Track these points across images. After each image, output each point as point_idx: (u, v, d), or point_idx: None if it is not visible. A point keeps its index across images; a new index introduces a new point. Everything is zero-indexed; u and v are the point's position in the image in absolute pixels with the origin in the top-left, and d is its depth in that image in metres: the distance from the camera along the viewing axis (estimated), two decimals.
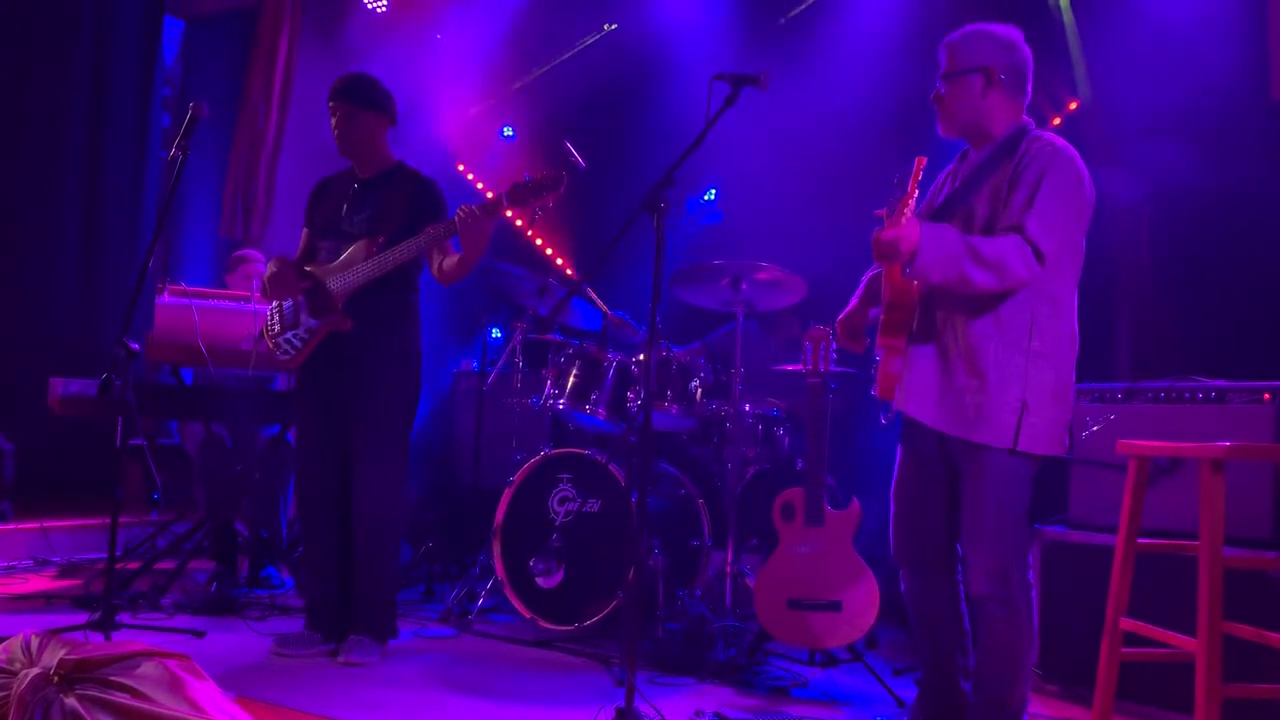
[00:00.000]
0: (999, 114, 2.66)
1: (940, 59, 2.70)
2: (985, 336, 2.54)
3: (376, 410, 3.46)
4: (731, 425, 4.07)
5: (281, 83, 6.49)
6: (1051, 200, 2.49)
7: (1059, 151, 2.55)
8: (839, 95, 5.18)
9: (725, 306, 4.21)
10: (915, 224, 2.45)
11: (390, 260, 3.38)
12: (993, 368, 2.52)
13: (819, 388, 3.55)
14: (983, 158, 2.66)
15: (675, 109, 5.30)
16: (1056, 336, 2.55)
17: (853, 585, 3.39)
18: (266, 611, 4.02)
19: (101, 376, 3.45)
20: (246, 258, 5.19)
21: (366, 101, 3.52)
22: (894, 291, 2.58)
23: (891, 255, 2.46)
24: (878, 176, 2.97)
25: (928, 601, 2.74)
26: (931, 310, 2.63)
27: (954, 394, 2.56)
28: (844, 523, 3.45)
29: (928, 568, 2.72)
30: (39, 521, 5.02)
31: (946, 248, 2.45)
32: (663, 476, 4.29)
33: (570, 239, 6.46)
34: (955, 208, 2.65)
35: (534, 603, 3.92)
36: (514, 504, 4.05)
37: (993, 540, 2.52)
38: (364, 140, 3.54)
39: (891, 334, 2.62)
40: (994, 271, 2.45)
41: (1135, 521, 2.57)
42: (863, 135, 5.04)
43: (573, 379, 4.15)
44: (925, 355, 2.62)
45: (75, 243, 6.38)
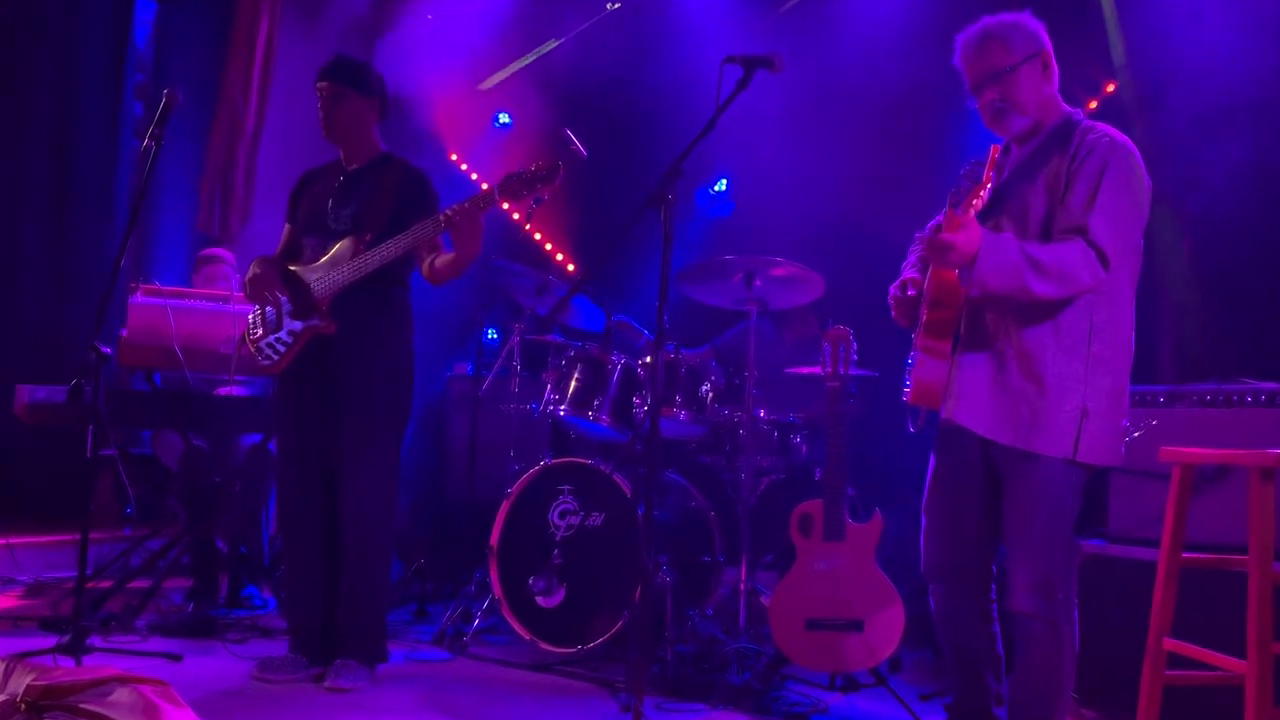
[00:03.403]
0: (1050, 102, 2.66)
1: (966, 68, 2.67)
2: (1042, 341, 2.54)
3: (365, 418, 3.47)
4: (745, 432, 4.06)
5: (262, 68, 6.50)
6: (1114, 198, 2.50)
7: (1118, 144, 2.55)
8: (858, 77, 5.18)
9: (737, 305, 4.21)
10: (977, 228, 2.45)
11: (377, 258, 3.39)
12: (1051, 373, 2.53)
13: (839, 392, 3.55)
14: (1032, 149, 2.66)
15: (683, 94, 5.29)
16: (1115, 341, 2.56)
17: (876, 604, 3.38)
18: (247, 633, 4.03)
19: (71, 382, 3.46)
20: (214, 258, 5.18)
21: (356, 82, 3.53)
22: (939, 288, 2.58)
23: (947, 260, 2.45)
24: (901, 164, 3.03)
25: (958, 620, 2.74)
26: (981, 313, 2.63)
27: (1010, 401, 2.56)
28: (866, 536, 3.45)
29: (960, 584, 2.72)
30: (4, 538, 5.01)
31: (1006, 257, 2.45)
32: (671, 487, 4.29)
33: (571, 233, 6.47)
34: (1005, 202, 2.64)
35: (534, 623, 3.91)
36: (512, 518, 4.06)
37: (1040, 554, 2.53)
38: (351, 125, 3.55)
39: (934, 335, 2.62)
40: (1057, 281, 2.46)
41: (1179, 534, 2.57)
42: (885, 120, 5.04)
43: (574, 383, 4.15)
44: (977, 360, 2.63)
45: (41, 240, 6.39)
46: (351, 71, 3.53)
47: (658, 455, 2.84)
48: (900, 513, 3.83)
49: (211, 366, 4.30)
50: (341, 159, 3.64)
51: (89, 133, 6.49)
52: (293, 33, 6.66)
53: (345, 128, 3.55)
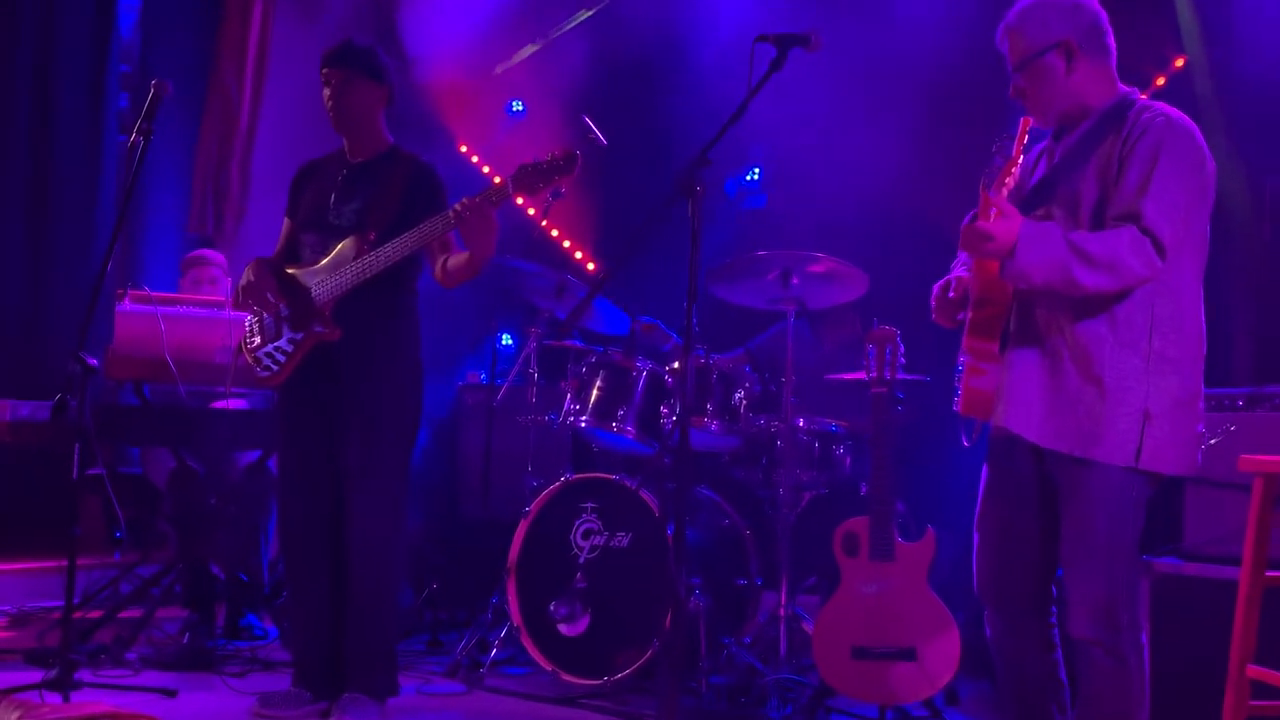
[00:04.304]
0: (1091, 86, 2.65)
1: (1002, 48, 2.70)
2: (1098, 338, 2.53)
3: (371, 432, 3.49)
4: (782, 444, 4.06)
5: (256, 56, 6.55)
6: (1169, 181, 2.48)
7: (1174, 123, 2.54)
8: (905, 53, 5.15)
9: (773, 305, 4.21)
10: (1016, 217, 2.45)
11: (382, 259, 3.40)
12: (1110, 372, 2.52)
13: (885, 398, 3.54)
14: (1083, 132, 2.65)
15: (712, 76, 5.31)
16: (1180, 335, 2.55)
17: (929, 630, 3.37)
18: (247, 666, 4.06)
19: (55, 398, 3.49)
20: (202, 259, 5.23)
21: (367, 68, 3.55)
22: (984, 285, 2.58)
23: (984, 250, 2.45)
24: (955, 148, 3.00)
25: (1017, 648, 2.73)
26: (1031, 308, 2.63)
27: (1066, 405, 2.55)
28: (917, 556, 3.44)
29: (1016, 607, 2.71)
30: None
31: (1050, 247, 2.45)
32: (703, 504, 4.29)
33: (592, 229, 6.47)
34: (1054, 190, 2.64)
35: (555, 653, 3.92)
36: (530, 539, 4.07)
37: (1100, 573, 2.52)
38: (361, 113, 3.58)
39: (981, 335, 2.61)
40: (1107, 272, 2.45)
41: (1262, 551, 2.55)
42: (936, 100, 5.02)
43: (596, 392, 4.16)
44: (1027, 361, 2.62)
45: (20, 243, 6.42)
46: (362, 56, 3.56)
47: (688, 469, 2.84)
48: (955, 530, 3.80)
49: (206, 378, 4.33)
50: (346, 150, 3.66)
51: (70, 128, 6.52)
52: (288, 17, 6.71)
53: (355, 117, 3.57)
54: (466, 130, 6.85)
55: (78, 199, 6.52)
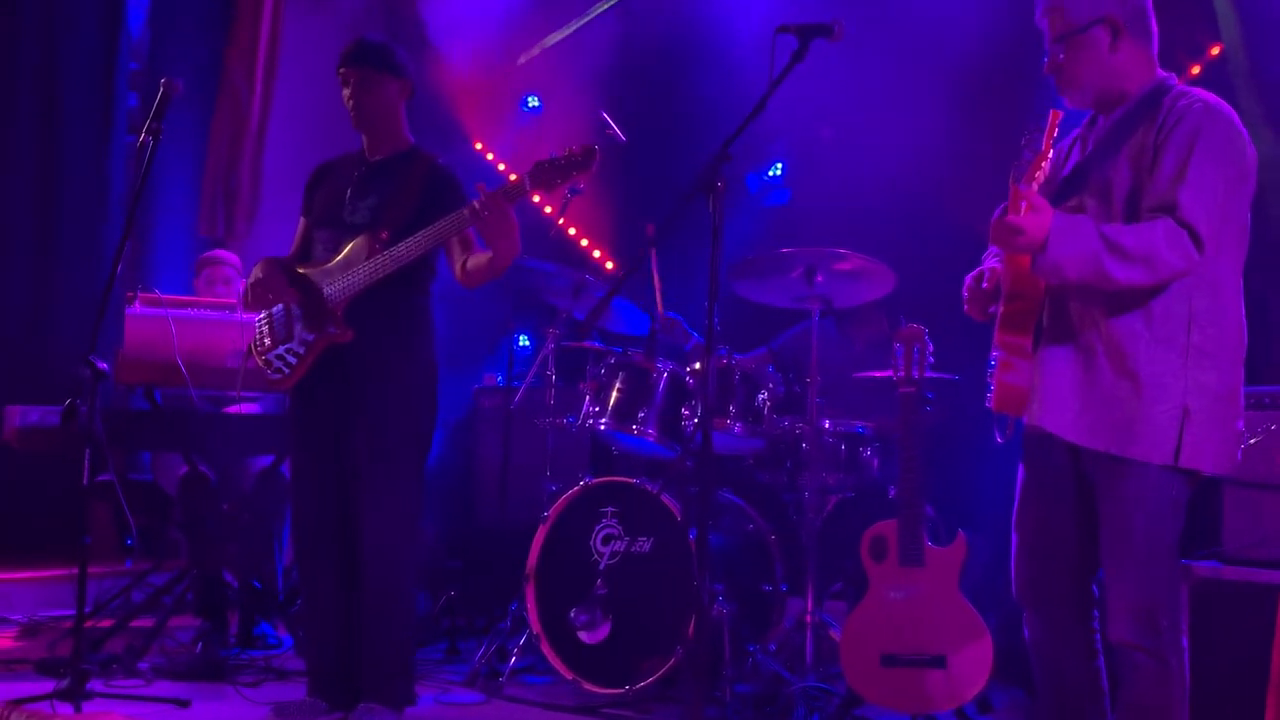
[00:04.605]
0: (1132, 69, 2.64)
1: (1041, 23, 2.68)
2: (1134, 333, 2.52)
3: (385, 436, 3.50)
4: (808, 446, 4.06)
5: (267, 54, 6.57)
6: (1207, 169, 2.47)
7: (1212, 110, 2.53)
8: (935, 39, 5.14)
9: (797, 303, 4.20)
10: (1047, 210, 2.44)
11: (396, 258, 3.41)
12: (1146, 369, 2.51)
13: (913, 398, 3.53)
14: (1117, 119, 2.64)
15: (732, 69, 5.30)
16: (1220, 329, 2.54)
17: (960, 636, 3.36)
18: (261, 675, 4.07)
19: (64, 403, 3.52)
20: (216, 260, 5.26)
21: (386, 65, 3.56)
22: (1015, 278, 2.57)
23: (1015, 245, 2.45)
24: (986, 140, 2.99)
25: (1056, 653, 2.71)
26: (1064, 302, 2.62)
27: (1100, 401, 2.54)
28: (948, 561, 3.43)
29: (1056, 610, 2.70)
30: None
31: (1082, 241, 2.44)
32: (726, 508, 4.29)
33: (610, 227, 6.48)
34: (1087, 179, 2.63)
35: (576, 661, 3.93)
36: (549, 545, 4.08)
37: (1139, 576, 2.51)
38: (383, 112, 3.59)
39: (1013, 330, 2.61)
40: (1142, 266, 2.44)
41: None
42: (967, 89, 5.00)
43: (616, 394, 4.17)
44: (1061, 356, 2.61)
45: (28, 246, 6.47)
46: (379, 52, 3.57)
47: (711, 473, 2.84)
48: (986, 534, 3.80)
49: (218, 382, 4.34)
50: (364, 149, 3.67)
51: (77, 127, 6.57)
52: (299, 13, 6.74)
53: (377, 115, 3.58)
54: (482, 127, 6.86)
55: (86, 200, 6.56)
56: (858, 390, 4.43)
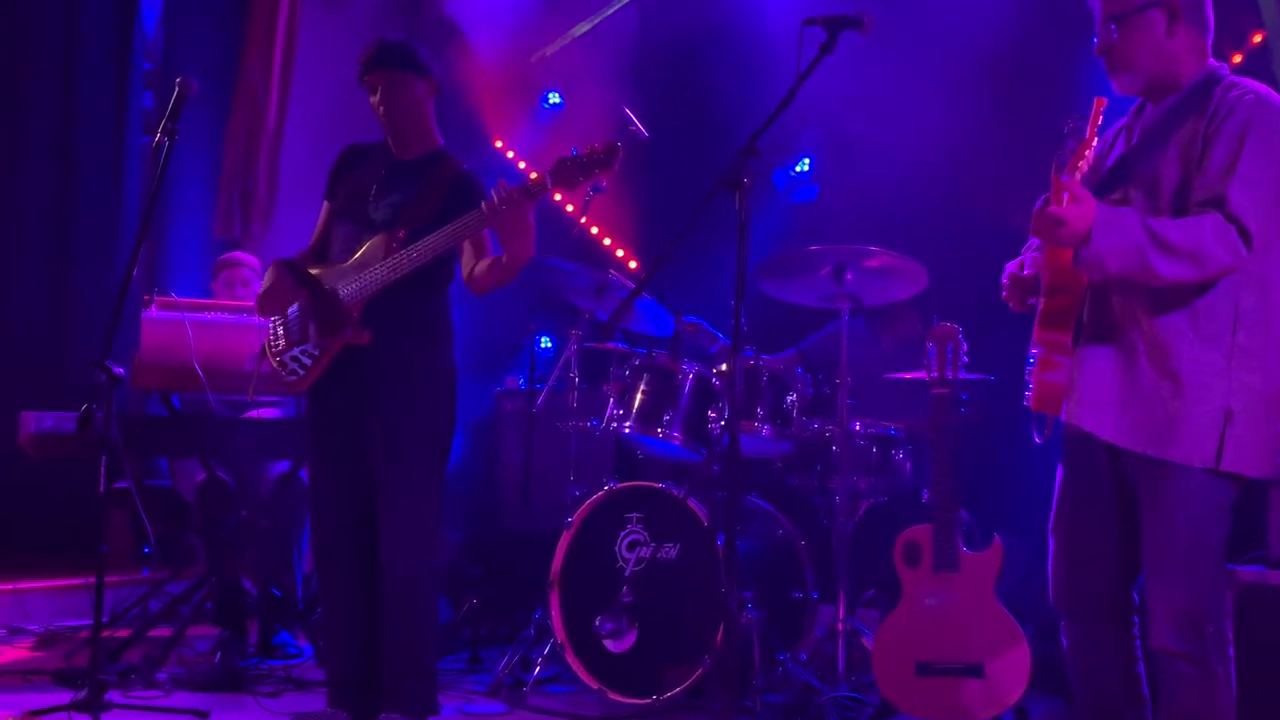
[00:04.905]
0: (1186, 56, 2.62)
1: (1094, 2, 2.67)
2: (1177, 331, 2.51)
3: (402, 441, 3.51)
4: (838, 449, 4.05)
5: (283, 52, 6.60)
6: (1258, 163, 2.45)
7: (1264, 102, 2.51)
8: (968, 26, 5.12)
9: (826, 302, 4.19)
10: (1090, 202, 2.42)
11: (411, 259, 3.41)
12: (1188, 369, 2.49)
13: (947, 399, 3.52)
14: (1165, 109, 2.62)
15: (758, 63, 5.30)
16: (1267, 331, 2.52)
17: (997, 644, 3.35)
18: (281, 686, 4.09)
19: (80, 408, 3.55)
20: (235, 261, 5.30)
21: (410, 65, 3.57)
22: (1056, 272, 2.55)
23: (1057, 237, 2.44)
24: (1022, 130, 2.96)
25: (1095, 661, 2.70)
26: (1106, 298, 2.60)
27: (1140, 401, 2.53)
28: (983, 566, 3.42)
29: (1095, 617, 2.69)
30: (11, 583, 5.17)
31: (1126, 235, 2.42)
32: (755, 514, 4.28)
33: (633, 225, 6.49)
34: (1133, 170, 2.61)
35: (601, 670, 3.94)
36: (573, 551, 4.08)
37: (1182, 581, 2.50)
38: (413, 112, 3.60)
39: (1053, 326, 2.59)
40: (1188, 261, 2.42)
41: None
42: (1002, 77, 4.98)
43: (640, 396, 4.17)
44: (1101, 354, 2.59)
45: (42, 249, 6.51)
46: (402, 52, 3.58)
47: (738, 476, 2.84)
48: (1023, 538, 3.78)
49: (236, 386, 4.36)
50: (392, 145, 3.68)
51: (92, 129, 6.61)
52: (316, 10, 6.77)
53: (407, 116, 3.59)
54: (502, 125, 6.88)
55: (100, 202, 6.61)
56: (889, 391, 4.42)
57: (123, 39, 6.71)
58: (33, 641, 4.86)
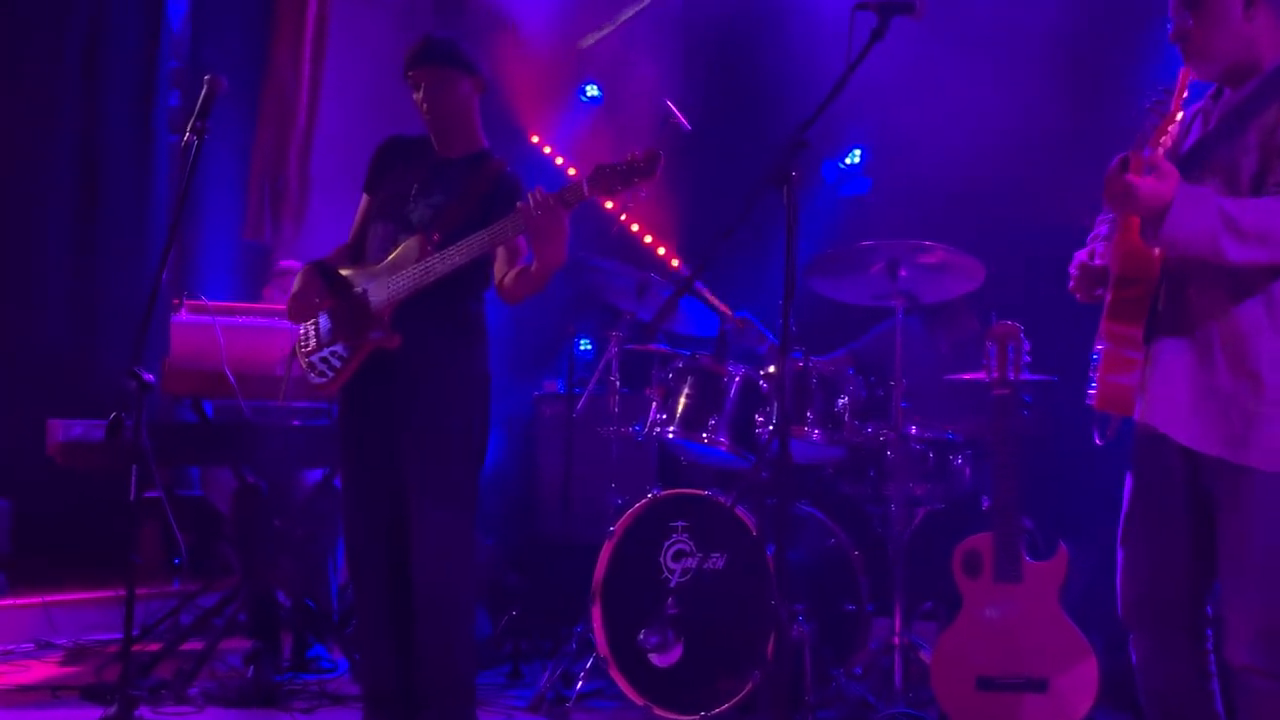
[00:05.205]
0: (1265, 39, 2.59)
1: None
2: (1255, 325, 2.48)
3: (434, 450, 3.51)
4: (893, 454, 4.03)
5: (313, 47, 6.65)
6: None
7: None
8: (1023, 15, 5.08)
9: (879, 300, 4.18)
10: (1173, 178, 2.40)
11: (445, 263, 3.42)
12: (1267, 366, 2.46)
13: (1008, 401, 3.50)
14: (1245, 94, 2.59)
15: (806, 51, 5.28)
16: None
17: (1062, 657, 3.33)
18: (316, 701, 4.13)
19: (109, 416, 3.58)
20: (290, 270, 5.34)
21: (457, 62, 3.59)
22: (1127, 261, 2.53)
23: (1132, 206, 2.40)
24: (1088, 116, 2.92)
25: (1167, 676, 2.67)
26: (1183, 288, 2.56)
27: (1215, 400, 2.50)
28: (1048, 576, 3.40)
29: (1166, 630, 2.66)
30: (40, 596, 5.22)
31: (1203, 214, 2.40)
32: (806, 522, 4.27)
33: (676, 222, 6.48)
34: (1210, 156, 2.58)
35: (647, 686, 3.93)
36: (616, 561, 4.08)
37: (1262, 593, 2.46)
38: (458, 110, 3.62)
39: (1122, 318, 2.56)
40: (1258, 245, 2.39)
41: None
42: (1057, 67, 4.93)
43: (685, 400, 4.17)
44: (1175, 348, 2.56)
45: (69, 252, 6.58)
46: (448, 49, 3.60)
47: (788, 483, 2.83)
48: (1089, 546, 3.74)
49: (268, 391, 4.40)
50: (435, 143, 3.70)
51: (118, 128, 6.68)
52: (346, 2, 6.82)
53: (452, 114, 3.61)
54: (538, 120, 6.89)
55: (128, 204, 6.67)
56: (947, 393, 4.39)
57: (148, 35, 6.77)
58: (61, 656, 4.91)
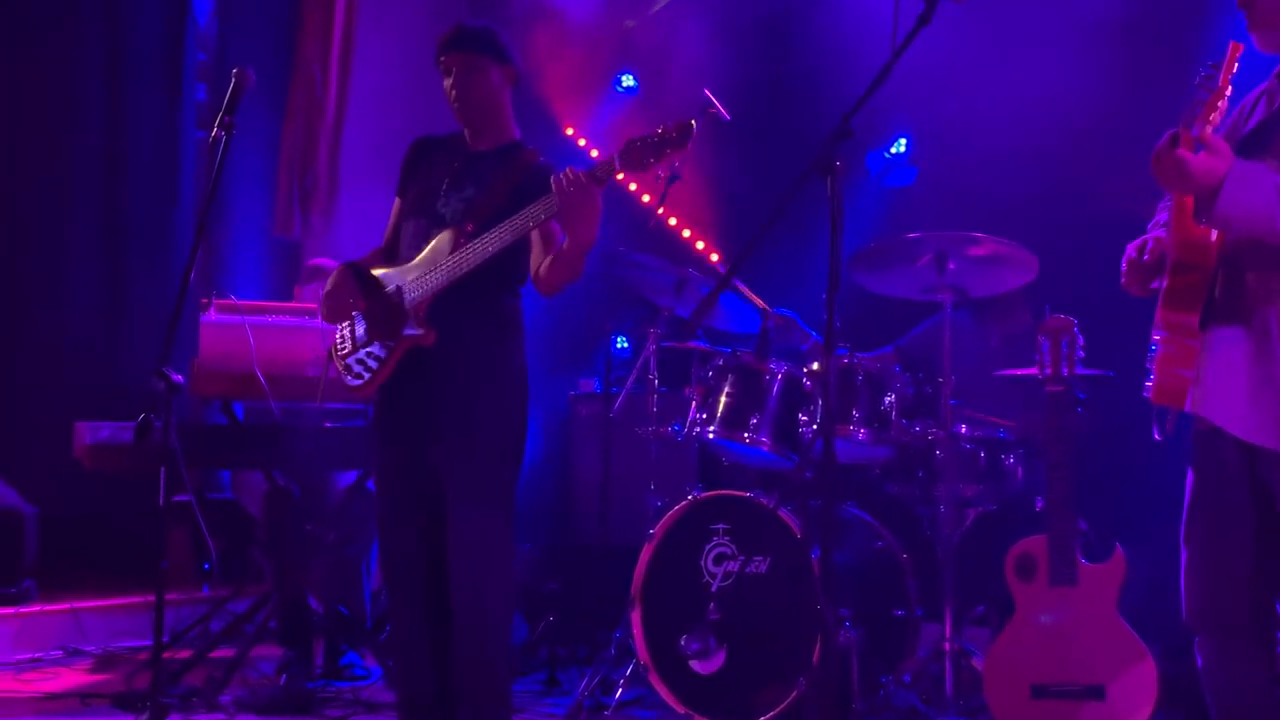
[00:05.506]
0: None
1: None
2: None
3: (471, 451, 3.53)
4: (942, 453, 4.02)
5: (342, 39, 6.68)
6: None
7: None
8: None
9: (927, 294, 4.17)
10: (1226, 155, 2.39)
11: (479, 252, 3.43)
12: None
13: (1062, 398, 3.49)
14: None
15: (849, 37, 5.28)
16: None
17: (1120, 664, 3.32)
18: (349, 709, 4.16)
19: (138, 418, 3.63)
20: (322, 269, 5.38)
21: (489, 50, 3.62)
22: (1183, 246, 2.51)
23: (1184, 183, 2.39)
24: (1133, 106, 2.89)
25: (1233, 680, 2.65)
26: (1240, 274, 2.54)
27: (1273, 390, 2.48)
28: (1105, 579, 3.39)
29: (1232, 634, 2.64)
30: (68, 602, 5.29)
31: (1259, 190, 2.38)
32: (852, 524, 4.27)
33: (715, 216, 6.49)
34: (1273, 138, 2.56)
35: (688, 693, 3.94)
36: (655, 565, 4.10)
37: None
38: (487, 100, 3.64)
39: (1178, 306, 2.55)
40: None
41: None
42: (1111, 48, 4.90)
43: (725, 399, 4.17)
44: (1231, 338, 2.54)
45: (94, 251, 6.65)
46: (482, 36, 3.63)
47: (833, 484, 2.84)
48: (1149, 547, 3.71)
49: (300, 392, 4.43)
50: (466, 137, 3.73)
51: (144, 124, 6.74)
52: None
53: (481, 103, 3.63)
54: (573, 111, 6.91)
55: (155, 201, 6.74)
56: (998, 390, 4.38)
57: (174, 28, 6.83)
58: (91, 664, 4.98)
